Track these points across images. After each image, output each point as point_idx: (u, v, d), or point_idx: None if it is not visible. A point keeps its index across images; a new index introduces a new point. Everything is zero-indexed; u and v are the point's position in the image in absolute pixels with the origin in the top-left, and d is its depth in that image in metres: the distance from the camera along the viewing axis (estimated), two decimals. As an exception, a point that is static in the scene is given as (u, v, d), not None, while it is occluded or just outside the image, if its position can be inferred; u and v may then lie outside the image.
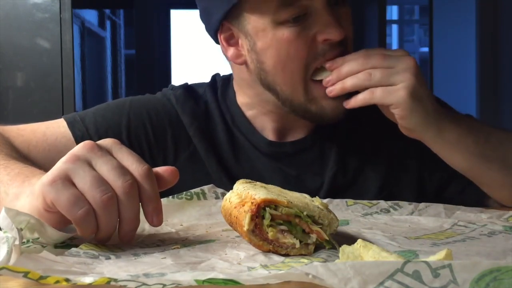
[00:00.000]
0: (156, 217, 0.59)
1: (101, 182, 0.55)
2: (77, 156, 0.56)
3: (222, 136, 0.96)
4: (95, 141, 0.89)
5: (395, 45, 9.03)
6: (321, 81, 0.86)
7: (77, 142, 0.90)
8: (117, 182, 0.56)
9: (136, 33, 5.42)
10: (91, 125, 0.93)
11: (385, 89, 0.80)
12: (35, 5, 2.05)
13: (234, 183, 0.91)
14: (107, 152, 0.58)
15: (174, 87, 1.01)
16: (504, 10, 4.32)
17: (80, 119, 0.94)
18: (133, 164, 0.58)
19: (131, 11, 5.60)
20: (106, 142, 0.60)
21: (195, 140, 0.95)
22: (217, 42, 0.94)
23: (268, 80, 0.89)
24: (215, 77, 1.04)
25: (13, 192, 0.64)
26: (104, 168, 0.56)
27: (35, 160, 0.86)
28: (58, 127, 0.93)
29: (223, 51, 0.94)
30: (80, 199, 0.54)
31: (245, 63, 0.91)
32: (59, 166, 0.56)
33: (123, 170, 0.57)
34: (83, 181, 0.55)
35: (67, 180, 0.55)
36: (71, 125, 0.93)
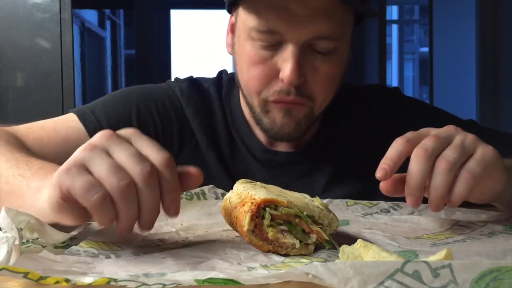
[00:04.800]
0: (173, 208, 0.55)
1: (118, 168, 0.52)
2: (94, 145, 0.54)
3: (222, 135, 0.97)
4: None
5: (395, 45, 9.04)
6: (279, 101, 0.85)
7: (90, 135, 0.89)
8: (135, 169, 0.52)
9: (136, 33, 5.43)
10: (102, 116, 0.92)
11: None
12: (35, 5, 2.05)
13: (232, 179, 0.91)
14: (125, 140, 0.56)
15: (179, 80, 1.01)
16: (504, 10, 4.32)
17: (90, 111, 0.93)
18: (153, 151, 0.55)
19: (131, 11, 5.60)
20: (125, 131, 0.57)
21: (198, 134, 0.96)
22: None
23: (239, 79, 0.91)
24: (221, 73, 1.03)
25: (35, 185, 0.63)
26: (122, 155, 0.53)
27: (49, 155, 0.81)
28: (67, 122, 0.92)
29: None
30: (95, 185, 0.51)
31: (232, 54, 0.92)
32: (76, 154, 0.54)
33: (141, 157, 0.53)
34: (99, 168, 0.52)
35: (82, 167, 0.53)
36: (82, 118, 0.92)
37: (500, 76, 4.36)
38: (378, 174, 0.66)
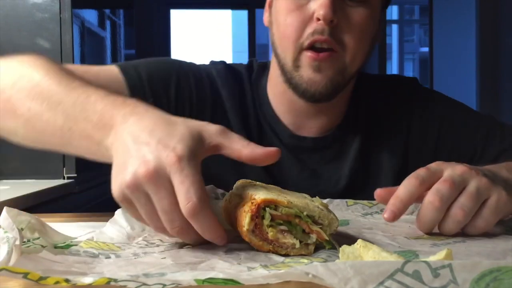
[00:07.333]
0: (218, 241, 0.57)
1: (156, 218, 0.55)
2: (136, 186, 0.54)
3: (251, 118, 1.00)
4: (146, 89, 0.93)
5: (395, 45, 9.04)
6: (313, 50, 0.89)
7: (129, 88, 0.91)
8: (167, 226, 0.56)
9: (136, 33, 5.42)
10: (144, 72, 0.94)
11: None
12: (35, 5, 2.05)
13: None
14: (165, 181, 0.54)
15: (215, 62, 1.06)
16: (504, 10, 4.32)
17: (132, 66, 0.95)
18: (182, 198, 0.54)
19: (131, 11, 5.59)
20: (169, 159, 0.54)
21: (230, 115, 0.99)
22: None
23: (274, 44, 0.95)
24: (252, 61, 1.08)
25: (100, 139, 0.61)
26: (157, 208, 0.55)
27: None
28: (110, 71, 0.93)
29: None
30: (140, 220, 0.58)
31: (270, 25, 0.97)
32: (120, 184, 0.55)
33: (172, 215, 0.54)
34: (141, 211, 0.56)
35: (128, 203, 0.56)
36: (124, 70, 0.93)
37: (500, 76, 4.37)
38: (386, 215, 0.66)
